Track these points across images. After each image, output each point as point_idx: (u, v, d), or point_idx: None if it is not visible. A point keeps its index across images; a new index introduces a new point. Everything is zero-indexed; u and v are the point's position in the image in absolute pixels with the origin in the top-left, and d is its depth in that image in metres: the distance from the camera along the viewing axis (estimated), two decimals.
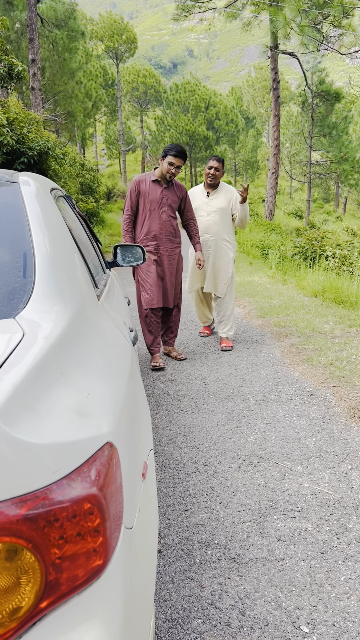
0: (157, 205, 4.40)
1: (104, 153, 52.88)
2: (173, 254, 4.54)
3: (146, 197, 4.40)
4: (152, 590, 1.10)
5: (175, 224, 4.56)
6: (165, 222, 4.43)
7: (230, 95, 43.98)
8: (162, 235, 4.44)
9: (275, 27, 14.34)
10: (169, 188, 4.47)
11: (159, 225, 4.42)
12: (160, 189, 4.42)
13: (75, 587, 0.75)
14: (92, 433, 0.85)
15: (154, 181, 4.42)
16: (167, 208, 4.44)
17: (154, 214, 4.40)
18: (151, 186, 4.42)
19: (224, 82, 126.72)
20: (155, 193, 4.41)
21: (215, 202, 4.94)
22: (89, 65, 25.62)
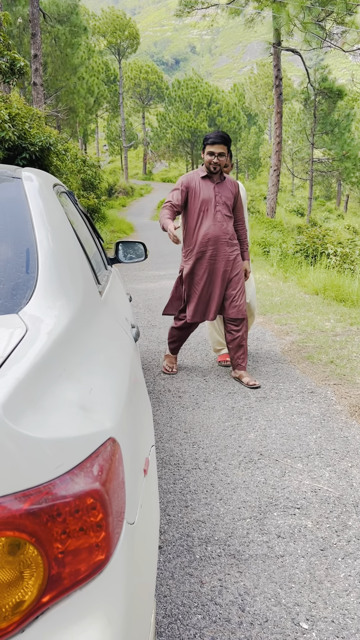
0: (211, 204, 3.86)
1: (105, 149, 52.82)
2: (231, 258, 3.93)
3: (197, 196, 3.89)
4: (153, 585, 1.11)
5: (232, 224, 4.00)
6: (221, 223, 3.88)
7: (233, 92, 43.91)
8: (220, 238, 3.88)
9: (278, 23, 14.31)
10: (221, 184, 3.93)
11: (215, 227, 3.87)
12: (213, 186, 3.89)
13: (77, 582, 0.76)
14: (95, 428, 0.85)
15: (204, 177, 3.91)
16: (222, 206, 3.89)
17: (208, 214, 3.87)
18: (202, 184, 3.90)
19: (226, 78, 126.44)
20: (207, 191, 3.88)
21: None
22: (91, 61, 25.56)
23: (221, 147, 3.77)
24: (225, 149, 3.78)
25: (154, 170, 51.67)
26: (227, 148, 3.81)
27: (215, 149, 3.78)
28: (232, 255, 3.94)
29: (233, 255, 3.94)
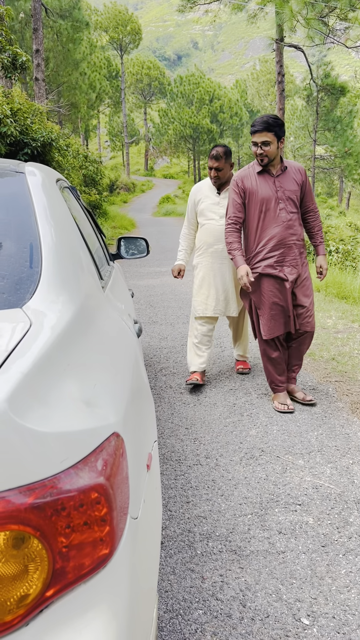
0: (272, 202, 3.29)
1: (107, 145, 52.74)
2: (299, 263, 3.38)
3: (255, 196, 3.33)
4: (156, 580, 1.11)
5: (300, 221, 3.42)
6: (286, 223, 3.30)
7: (235, 88, 43.80)
8: (286, 241, 3.31)
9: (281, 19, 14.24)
10: (282, 175, 3.32)
11: (280, 228, 3.30)
12: (272, 180, 3.32)
13: (81, 576, 0.76)
14: (99, 423, 0.85)
15: (261, 172, 3.35)
16: (287, 203, 3.31)
17: (269, 215, 3.30)
18: (259, 180, 3.34)
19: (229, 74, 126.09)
20: (266, 187, 3.31)
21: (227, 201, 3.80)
22: (93, 56, 25.49)
23: (264, 134, 3.19)
24: (271, 137, 3.19)
25: (156, 166, 51.58)
26: (274, 135, 3.20)
27: (258, 137, 3.22)
28: (300, 261, 3.38)
29: (302, 260, 3.40)
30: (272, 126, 3.19)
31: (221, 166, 3.68)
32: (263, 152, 3.22)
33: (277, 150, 3.23)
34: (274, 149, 3.22)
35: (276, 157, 3.28)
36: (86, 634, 0.74)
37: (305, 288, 3.43)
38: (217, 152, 3.67)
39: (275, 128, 3.19)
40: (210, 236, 3.81)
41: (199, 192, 3.89)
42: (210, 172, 3.73)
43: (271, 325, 3.39)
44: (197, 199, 3.88)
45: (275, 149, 3.23)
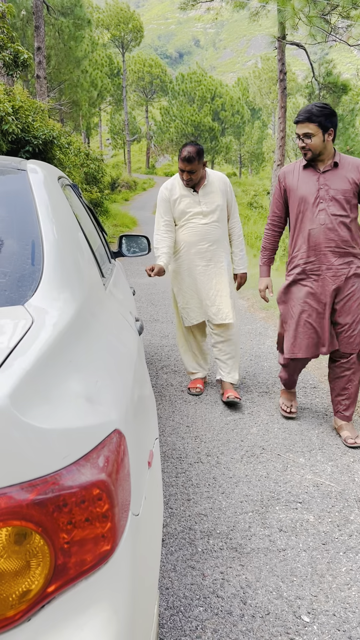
0: (311, 201, 2.87)
1: (108, 143, 52.69)
2: (341, 273, 2.87)
3: (294, 193, 2.95)
4: (157, 576, 1.12)
5: (352, 225, 2.87)
6: (325, 226, 2.84)
7: (237, 86, 43.73)
8: (322, 247, 2.87)
9: (283, 17, 14.21)
10: (332, 171, 2.87)
11: (317, 232, 2.86)
12: (317, 176, 2.88)
13: (83, 572, 0.76)
14: (101, 420, 0.86)
15: (307, 166, 2.93)
16: (330, 202, 2.84)
17: (307, 215, 2.89)
18: (302, 175, 2.94)
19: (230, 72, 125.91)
20: (307, 184, 2.90)
21: (210, 197, 3.47)
22: (94, 54, 25.45)
23: (306, 126, 2.79)
24: (314, 128, 2.77)
25: (157, 164, 51.54)
26: (318, 126, 2.77)
27: (300, 129, 2.83)
28: (343, 271, 2.87)
29: (345, 270, 2.87)
30: (316, 116, 2.76)
31: (194, 168, 3.32)
32: (305, 145, 2.82)
33: (322, 143, 2.80)
34: (317, 142, 2.80)
35: (324, 150, 2.84)
36: (87, 629, 0.74)
37: (348, 304, 2.91)
38: (189, 154, 3.26)
39: (319, 118, 2.76)
40: (194, 235, 3.47)
41: (173, 192, 3.49)
42: (182, 174, 3.37)
43: (294, 344, 2.98)
44: (172, 198, 3.47)
45: (320, 142, 2.80)
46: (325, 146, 2.84)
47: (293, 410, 3.33)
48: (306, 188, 2.90)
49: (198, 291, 3.54)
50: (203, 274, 3.50)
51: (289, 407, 3.34)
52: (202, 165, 3.40)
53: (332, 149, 2.88)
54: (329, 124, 2.80)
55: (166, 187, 3.51)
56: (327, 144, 2.84)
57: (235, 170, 46.35)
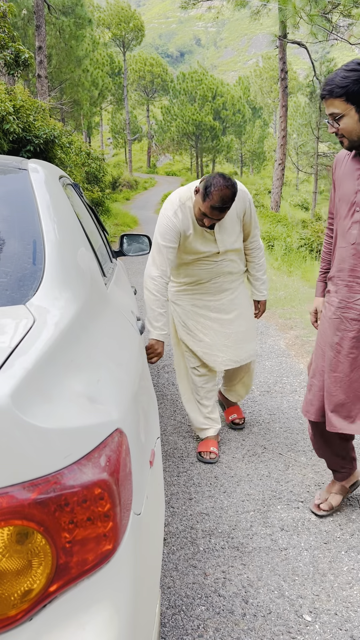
0: (347, 207, 2.04)
1: (109, 142, 52.68)
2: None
3: (337, 190, 2.11)
4: (159, 575, 1.12)
5: None
6: (354, 246, 2.02)
7: (238, 85, 43.66)
8: (346, 275, 2.05)
9: (284, 15, 14.20)
10: None
11: (346, 251, 2.04)
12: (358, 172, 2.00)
13: (85, 571, 0.76)
14: (102, 419, 0.85)
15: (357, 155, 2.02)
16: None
17: (342, 226, 2.07)
18: (348, 167, 2.05)
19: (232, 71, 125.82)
20: (349, 181, 2.03)
21: (227, 233, 2.67)
22: (95, 53, 25.43)
23: (330, 103, 1.90)
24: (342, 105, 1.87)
25: (158, 164, 51.52)
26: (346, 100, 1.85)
27: (327, 108, 1.92)
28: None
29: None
30: (340, 87, 1.84)
31: (224, 216, 2.53)
32: (336, 131, 1.94)
33: (357, 124, 1.89)
34: (350, 123, 1.89)
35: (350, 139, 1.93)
36: (89, 628, 0.74)
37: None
38: (225, 203, 2.41)
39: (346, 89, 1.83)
40: (206, 273, 2.76)
41: (186, 225, 2.59)
42: (204, 219, 2.50)
43: (306, 399, 2.24)
44: (186, 233, 2.60)
45: (355, 122, 1.88)
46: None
47: (323, 507, 2.30)
48: (346, 187, 2.04)
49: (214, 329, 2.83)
50: (219, 310, 2.82)
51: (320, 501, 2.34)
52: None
53: None
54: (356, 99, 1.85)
55: (176, 215, 2.57)
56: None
57: (236, 169, 46.32)
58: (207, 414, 2.91)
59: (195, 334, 2.83)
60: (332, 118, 1.93)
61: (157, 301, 2.53)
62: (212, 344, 2.81)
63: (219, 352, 2.81)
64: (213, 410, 2.93)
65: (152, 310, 2.53)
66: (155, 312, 2.53)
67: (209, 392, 2.92)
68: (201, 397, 2.90)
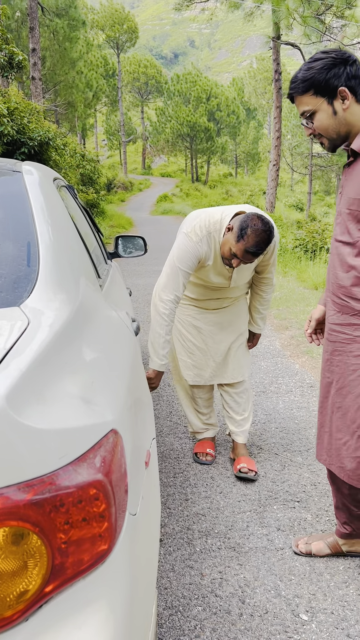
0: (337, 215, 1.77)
1: (104, 144, 52.67)
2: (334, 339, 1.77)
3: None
4: (155, 576, 1.12)
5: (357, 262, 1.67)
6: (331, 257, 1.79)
7: (232, 86, 43.75)
8: (328, 284, 1.81)
9: (277, 17, 14.24)
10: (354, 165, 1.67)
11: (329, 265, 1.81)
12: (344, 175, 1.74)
13: (80, 572, 0.77)
14: (97, 420, 0.86)
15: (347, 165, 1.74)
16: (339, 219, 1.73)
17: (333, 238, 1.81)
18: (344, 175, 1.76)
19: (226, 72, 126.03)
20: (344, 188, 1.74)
21: (242, 274, 2.56)
22: (89, 55, 25.44)
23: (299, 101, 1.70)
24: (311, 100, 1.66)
25: (153, 165, 51.55)
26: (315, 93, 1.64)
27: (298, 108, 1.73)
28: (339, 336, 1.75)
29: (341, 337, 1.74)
30: (303, 81, 1.63)
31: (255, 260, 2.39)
32: (313, 132, 1.71)
33: (331, 117, 1.64)
34: (323, 119, 1.65)
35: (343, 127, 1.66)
36: (85, 629, 0.75)
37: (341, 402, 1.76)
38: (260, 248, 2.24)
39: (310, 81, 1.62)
40: (208, 294, 2.67)
41: (208, 256, 2.43)
42: (233, 259, 2.31)
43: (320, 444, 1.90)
44: (206, 263, 2.46)
45: (328, 117, 1.64)
46: (343, 120, 1.64)
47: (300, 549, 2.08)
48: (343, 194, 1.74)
49: (206, 343, 2.73)
50: (214, 325, 2.72)
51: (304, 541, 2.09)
52: None
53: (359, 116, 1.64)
54: (333, 80, 1.59)
55: (200, 244, 2.39)
56: (348, 115, 1.63)
57: (231, 170, 46.39)
58: (205, 420, 2.89)
59: (187, 345, 2.74)
60: (305, 118, 1.70)
61: (167, 327, 2.39)
62: (201, 357, 2.73)
63: (207, 367, 2.73)
64: (211, 417, 2.90)
65: (158, 335, 2.38)
66: (162, 339, 2.39)
67: (206, 401, 2.87)
68: (199, 407, 2.86)
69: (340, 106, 1.62)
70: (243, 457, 2.70)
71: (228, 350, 2.71)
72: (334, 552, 2.04)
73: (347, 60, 1.60)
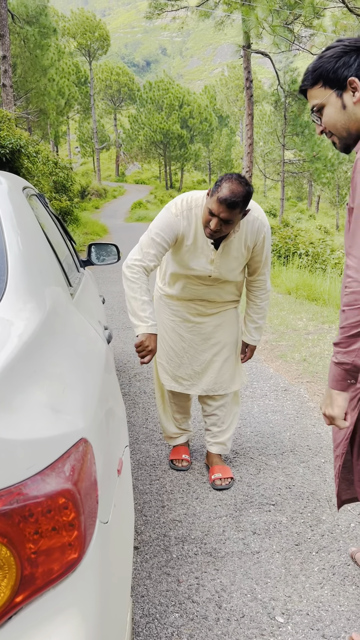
0: None
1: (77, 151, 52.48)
2: None
3: None
4: (129, 583, 1.12)
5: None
6: None
7: (204, 94, 44.12)
8: None
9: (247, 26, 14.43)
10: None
11: None
12: None
13: (51, 581, 0.76)
14: (66, 429, 0.86)
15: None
16: None
17: None
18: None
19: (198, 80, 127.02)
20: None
21: (227, 261, 2.39)
22: (61, 62, 25.36)
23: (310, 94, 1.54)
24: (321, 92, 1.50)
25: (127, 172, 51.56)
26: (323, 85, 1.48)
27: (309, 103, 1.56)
28: None
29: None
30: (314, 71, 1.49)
31: (232, 218, 2.17)
32: (322, 129, 1.55)
33: (341, 111, 1.48)
34: (332, 112, 1.49)
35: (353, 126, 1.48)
36: (55, 638, 0.74)
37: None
38: (234, 197, 2.10)
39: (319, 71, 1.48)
40: (188, 293, 2.53)
41: (188, 231, 2.32)
42: (211, 219, 2.19)
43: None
44: (186, 241, 2.34)
45: (337, 111, 1.48)
46: (353, 115, 1.46)
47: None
48: None
49: (186, 352, 2.61)
50: (197, 334, 2.59)
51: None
52: (243, 215, 2.25)
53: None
54: (342, 70, 1.44)
55: (183, 214, 2.31)
56: (358, 110, 1.45)
57: (204, 177, 46.68)
58: (179, 425, 2.87)
59: (167, 350, 2.65)
60: (316, 114, 1.54)
61: (139, 289, 2.20)
62: (179, 365, 2.63)
63: (186, 375, 2.63)
64: (185, 422, 2.89)
65: (134, 299, 2.21)
66: (139, 301, 2.19)
67: (182, 408, 2.83)
68: (174, 412, 2.83)
69: (351, 99, 1.44)
70: (217, 465, 2.69)
71: (210, 361, 2.60)
72: None
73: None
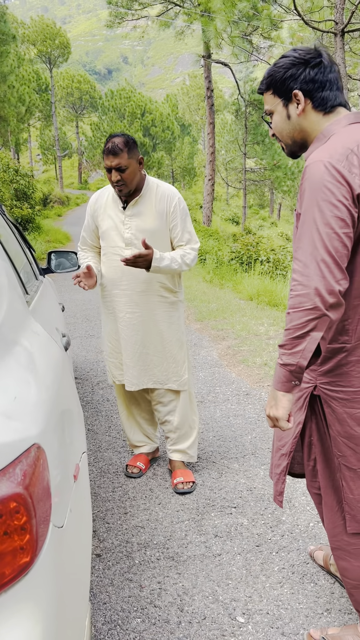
0: None
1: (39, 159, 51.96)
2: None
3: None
4: (87, 588, 1.13)
5: None
6: None
7: (166, 103, 44.36)
8: None
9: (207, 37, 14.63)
10: None
11: None
12: None
13: (2, 585, 0.77)
14: (18, 435, 0.87)
15: None
16: None
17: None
18: None
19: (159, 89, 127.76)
20: None
21: (139, 220, 2.51)
22: (21, 69, 25.10)
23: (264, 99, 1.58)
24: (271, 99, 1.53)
25: (90, 180, 51.30)
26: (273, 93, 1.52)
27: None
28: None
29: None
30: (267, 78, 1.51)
31: (124, 164, 2.35)
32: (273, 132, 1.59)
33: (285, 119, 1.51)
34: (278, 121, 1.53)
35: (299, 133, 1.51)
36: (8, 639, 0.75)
37: None
38: (115, 144, 2.36)
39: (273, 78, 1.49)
40: (114, 271, 2.56)
41: (98, 204, 2.60)
42: (110, 175, 2.40)
43: None
44: (96, 213, 2.60)
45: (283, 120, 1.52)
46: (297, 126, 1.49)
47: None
48: None
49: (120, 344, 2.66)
50: (127, 325, 2.60)
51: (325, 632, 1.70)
52: (139, 164, 2.43)
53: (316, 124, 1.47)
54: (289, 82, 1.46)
55: (95, 196, 2.65)
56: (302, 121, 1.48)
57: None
58: (142, 433, 2.88)
59: (108, 343, 2.72)
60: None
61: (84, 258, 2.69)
62: (120, 357, 2.68)
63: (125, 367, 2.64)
64: (147, 432, 2.89)
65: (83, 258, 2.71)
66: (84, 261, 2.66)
67: (141, 417, 2.85)
68: (136, 420, 2.85)
69: (295, 111, 1.47)
70: (179, 470, 2.72)
71: (142, 354, 2.59)
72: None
73: (309, 62, 1.43)
